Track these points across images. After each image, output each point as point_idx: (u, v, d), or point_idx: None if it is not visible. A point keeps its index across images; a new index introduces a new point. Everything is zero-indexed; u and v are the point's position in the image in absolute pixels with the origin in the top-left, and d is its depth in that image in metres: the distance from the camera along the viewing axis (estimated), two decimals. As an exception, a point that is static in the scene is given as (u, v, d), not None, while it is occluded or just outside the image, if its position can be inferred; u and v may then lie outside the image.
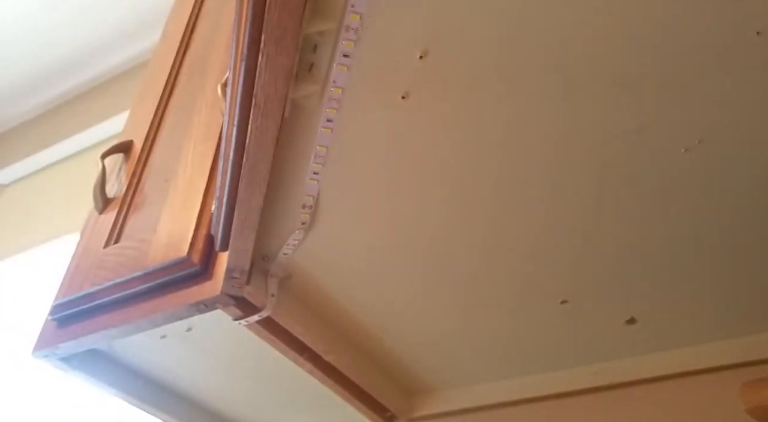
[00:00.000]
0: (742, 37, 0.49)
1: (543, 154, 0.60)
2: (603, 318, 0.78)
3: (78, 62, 2.27)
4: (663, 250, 0.68)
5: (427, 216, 0.67)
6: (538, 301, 0.77)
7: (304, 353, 0.80)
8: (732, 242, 0.66)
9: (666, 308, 0.75)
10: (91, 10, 2.10)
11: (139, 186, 0.87)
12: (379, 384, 0.91)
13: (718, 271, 0.70)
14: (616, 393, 0.84)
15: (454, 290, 0.76)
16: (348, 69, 0.51)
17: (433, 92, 0.54)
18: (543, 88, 0.54)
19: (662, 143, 0.58)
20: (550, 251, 0.70)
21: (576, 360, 0.86)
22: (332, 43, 0.49)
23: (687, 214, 0.64)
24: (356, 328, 0.83)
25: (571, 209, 0.65)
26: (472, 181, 0.63)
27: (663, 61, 0.51)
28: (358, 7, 0.47)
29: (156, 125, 0.95)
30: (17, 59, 2.26)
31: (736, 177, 0.60)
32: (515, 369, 0.90)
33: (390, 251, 0.71)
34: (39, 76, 2.32)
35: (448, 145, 0.59)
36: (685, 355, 0.80)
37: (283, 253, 0.70)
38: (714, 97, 0.54)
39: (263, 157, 0.54)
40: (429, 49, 0.51)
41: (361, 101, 0.55)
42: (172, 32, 1.13)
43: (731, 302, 0.73)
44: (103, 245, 0.82)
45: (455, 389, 0.95)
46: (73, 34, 2.18)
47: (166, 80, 1.02)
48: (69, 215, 1.91)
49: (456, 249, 0.71)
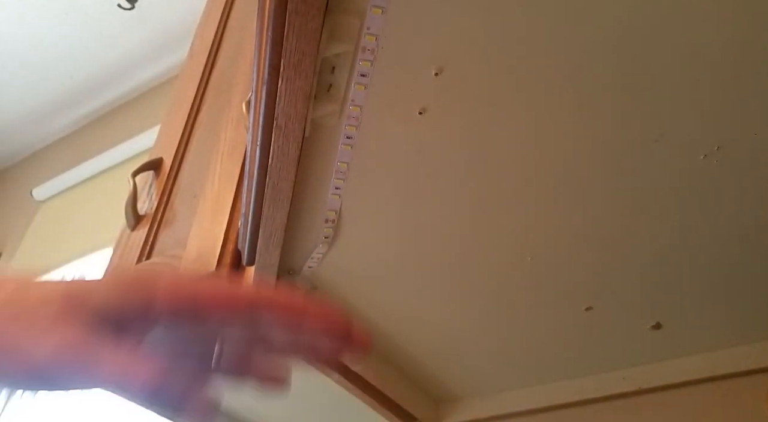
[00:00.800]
0: (760, 45, 0.49)
1: (562, 163, 0.60)
2: (628, 324, 0.78)
3: (108, 80, 2.32)
4: (686, 255, 0.68)
5: (448, 227, 0.68)
6: (563, 308, 0.77)
7: (331, 363, 0.81)
8: (755, 246, 0.66)
9: (691, 312, 0.75)
10: (120, 29, 2.15)
11: (169, 203, 0.90)
12: (406, 392, 0.92)
13: (742, 275, 0.69)
14: (644, 398, 0.84)
15: (479, 299, 0.77)
16: (366, 88, 0.53)
17: (449, 107, 0.55)
18: (559, 99, 0.55)
19: (681, 150, 0.58)
20: (572, 258, 0.70)
21: (603, 366, 0.86)
22: (349, 64, 0.51)
23: (708, 219, 0.64)
24: (382, 338, 0.84)
25: (592, 217, 0.65)
26: (491, 191, 0.63)
27: (679, 69, 0.51)
28: (373, 29, 0.48)
29: (185, 141, 0.98)
30: (51, 79, 2.32)
31: (756, 182, 0.60)
32: (542, 376, 0.90)
33: (412, 262, 0.72)
34: (71, 94, 2.38)
35: (466, 157, 0.60)
36: (712, 360, 0.79)
37: (308, 266, 0.72)
38: (731, 104, 0.54)
39: (286, 175, 0.56)
40: (444, 65, 0.52)
41: (379, 118, 0.56)
42: (198, 49, 1.16)
43: (756, 306, 0.73)
44: (136, 261, 0.85)
45: (482, 397, 0.95)
46: (104, 53, 2.23)
47: (194, 97, 1.04)
48: (102, 229, 1.95)
49: (478, 258, 0.71)
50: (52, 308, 0.36)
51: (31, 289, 0.38)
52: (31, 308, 0.37)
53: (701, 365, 0.80)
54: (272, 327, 0.40)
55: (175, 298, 0.37)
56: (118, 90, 2.34)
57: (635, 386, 0.84)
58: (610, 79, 0.53)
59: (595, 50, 0.50)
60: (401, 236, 0.69)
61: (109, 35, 2.18)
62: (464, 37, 0.50)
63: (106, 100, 2.39)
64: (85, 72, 2.30)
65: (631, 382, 0.85)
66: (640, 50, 0.50)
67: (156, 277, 0.38)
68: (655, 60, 0.51)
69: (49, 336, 0.36)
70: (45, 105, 2.41)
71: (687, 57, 0.51)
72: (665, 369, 0.83)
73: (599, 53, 0.51)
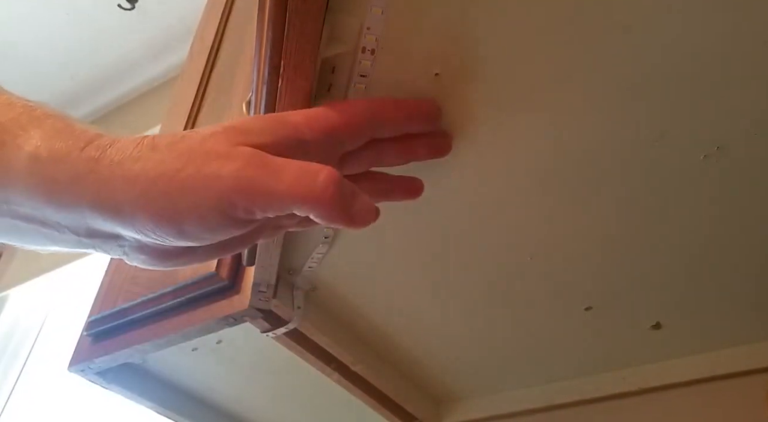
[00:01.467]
0: (760, 44, 0.49)
1: (561, 163, 0.60)
2: (628, 324, 0.78)
3: (109, 80, 2.32)
4: (685, 255, 0.68)
5: (449, 226, 0.68)
6: (563, 308, 0.77)
7: (332, 363, 0.81)
8: (755, 246, 0.66)
9: (692, 312, 0.75)
10: (120, 29, 2.15)
11: (169, 203, 0.89)
12: (406, 392, 0.92)
13: (743, 274, 0.70)
14: (644, 398, 0.84)
15: (478, 298, 0.77)
16: (366, 88, 0.53)
17: (449, 107, 0.55)
18: (559, 99, 0.55)
19: (681, 150, 0.58)
20: (572, 258, 0.70)
21: (602, 366, 0.86)
22: (349, 65, 0.51)
23: (708, 219, 0.64)
24: (382, 338, 0.84)
25: (592, 217, 0.66)
26: (489, 190, 0.64)
27: (679, 69, 0.52)
28: (374, 30, 0.48)
29: (184, 142, 0.98)
30: (51, 79, 2.32)
31: (756, 182, 0.60)
32: (541, 376, 0.90)
33: (412, 263, 0.72)
34: (72, 94, 2.38)
35: (465, 156, 0.60)
36: (712, 360, 0.79)
37: (308, 267, 0.72)
38: (731, 104, 0.54)
39: (286, 175, 0.56)
40: (445, 66, 0.52)
41: (379, 118, 0.56)
42: (198, 49, 1.16)
43: (758, 306, 0.73)
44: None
45: (482, 396, 0.95)
46: (104, 53, 2.23)
47: (194, 97, 1.05)
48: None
49: (479, 257, 0.72)
50: (220, 139, 0.37)
51: (187, 132, 0.39)
52: (202, 139, 0.37)
53: (701, 365, 0.80)
54: (387, 130, 0.45)
55: (314, 128, 0.39)
56: (118, 90, 2.35)
57: (635, 386, 0.84)
58: (609, 79, 0.53)
59: (594, 50, 0.50)
60: (401, 236, 0.69)
61: (110, 35, 2.18)
62: (464, 37, 0.50)
63: (106, 100, 2.39)
64: (85, 72, 2.30)
65: (631, 382, 0.85)
66: (640, 50, 0.50)
67: (289, 116, 0.41)
68: (655, 60, 0.51)
69: (230, 159, 0.36)
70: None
71: (687, 57, 0.51)
72: (665, 369, 0.83)
73: (599, 53, 0.51)
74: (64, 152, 0.36)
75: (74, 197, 0.35)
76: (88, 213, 0.35)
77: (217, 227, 0.36)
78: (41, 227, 0.37)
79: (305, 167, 0.36)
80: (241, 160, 0.35)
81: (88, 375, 0.82)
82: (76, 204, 0.35)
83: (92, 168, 0.35)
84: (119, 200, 0.35)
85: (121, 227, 0.36)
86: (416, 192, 0.51)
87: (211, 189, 0.35)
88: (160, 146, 0.36)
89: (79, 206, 0.35)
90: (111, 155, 0.36)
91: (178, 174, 0.35)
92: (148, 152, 0.36)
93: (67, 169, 0.35)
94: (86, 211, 0.35)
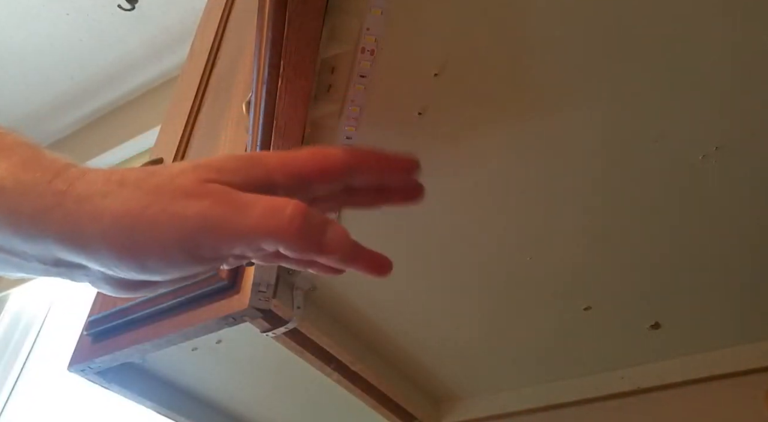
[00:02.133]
0: (759, 45, 0.50)
1: (560, 163, 0.60)
2: (627, 324, 0.78)
3: (109, 80, 2.32)
4: (684, 255, 0.68)
5: (448, 227, 0.68)
6: (562, 308, 0.77)
7: (331, 363, 0.81)
8: (754, 246, 0.66)
9: (690, 312, 0.75)
10: (120, 30, 2.15)
11: (169, 203, 0.89)
12: (406, 392, 0.92)
13: (741, 275, 0.70)
14: (643, 397, 0.84)
15: (478, 298, 0.77)
16: (365, 88, 0.53)
17: (448, 108, 0.56)
18: (559, 100, 0.55)
19: (680, 151, 0.59)
20: (572, 258, 0.70)
21: (601, 366, 0.86)
22: (349, 65, 0.51)
23: (707, 219, 0.64)
24: (382, 337, 0.84)
25: (592, 217, 0.66)
26: (489, 190, 0.64)
27: (679, 70, 0.52)
28: (373, 30, 0.49)
29: (185, 142, 0.98)
30: (51, 79, 2.32)
31: (755, 182, 0.60)
32: (541, 375, 0.90)
33: (412, 262, 0.73)
34: (72, 95, 2.38)
35: (465, 157, 0.60)
36: (710, 359, 0.79)
37: (308, 266, 0.72)
38: (731, 104, 0.54)
39: (286, 175, 0.56)
40: (444, 66, 0.52)
41: (378, 118, 0.56)
42: (198, 50, 1.16)
43: (755, 306, 0.73)
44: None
45: (481, 396, 0.96)
46: (104, 54, 2.23)
47: (194, 97, 1.05)
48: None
49: (478, 258, 0.72)
50: (189, 176, 0.37)
51: (157, 168, 0.39)
52: (170, 176, 0.37)
53: (700, 364, 0.80)
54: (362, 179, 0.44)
55: (286, 172, 0.39)
56: (118, 91, 2.35)
57: (634, 385, 0.85)
58: (609, 79, 0.53)
59: (594, 50, 0.51)
60: (401, 236, 0.69)
61: (110, 36, 2.18)
62: (464, 37, 0.50)
63: (106, 100, 2.39)
64: (85, 73, 2.30)
65: (630, 382, 0.85)
66: (640, 51, 0.50)
67: (263, 157, 0.41)
68: (655, 60, 0.51)
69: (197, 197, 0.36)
70: (45, 106, 2.41)
71: (687, 57, 0.51)
72: (664, 369, 0.83)
73: (599, 53, 0.51)
74: (30, 183, 0.36)
75: (40, 230, 0.35)
76: (54, 245, 0.36)
77: (181, 264, 0.37)
78: (9, 256, 0.37)
79: (272, 202, 0.36)
80: (209, 198, 0.36)
81: (88, 374, 0.82)
82: (41, 236, 0.36)
83: (59, 202, 0.35)
84: (85, 235, 0.35)
85: (86, 260, 0.36)
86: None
87: (175, 228, 0.35)
88: (128, 182, 0.37)
89: (45, 239, 0.36)
90: (79, 188, 0.36)
91: (144, 211, 0.35)
92: (117, 187, 0.36)
93: (33, 201, 0.35)
94: (51, 243, 0.36)
